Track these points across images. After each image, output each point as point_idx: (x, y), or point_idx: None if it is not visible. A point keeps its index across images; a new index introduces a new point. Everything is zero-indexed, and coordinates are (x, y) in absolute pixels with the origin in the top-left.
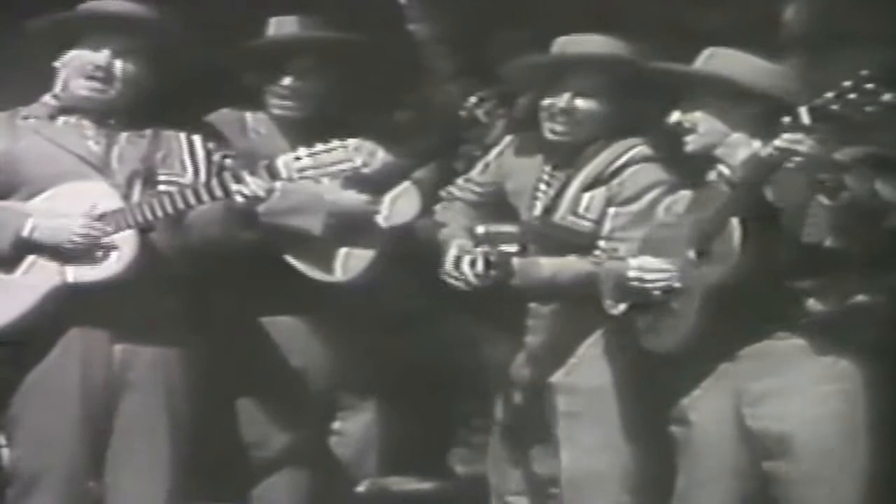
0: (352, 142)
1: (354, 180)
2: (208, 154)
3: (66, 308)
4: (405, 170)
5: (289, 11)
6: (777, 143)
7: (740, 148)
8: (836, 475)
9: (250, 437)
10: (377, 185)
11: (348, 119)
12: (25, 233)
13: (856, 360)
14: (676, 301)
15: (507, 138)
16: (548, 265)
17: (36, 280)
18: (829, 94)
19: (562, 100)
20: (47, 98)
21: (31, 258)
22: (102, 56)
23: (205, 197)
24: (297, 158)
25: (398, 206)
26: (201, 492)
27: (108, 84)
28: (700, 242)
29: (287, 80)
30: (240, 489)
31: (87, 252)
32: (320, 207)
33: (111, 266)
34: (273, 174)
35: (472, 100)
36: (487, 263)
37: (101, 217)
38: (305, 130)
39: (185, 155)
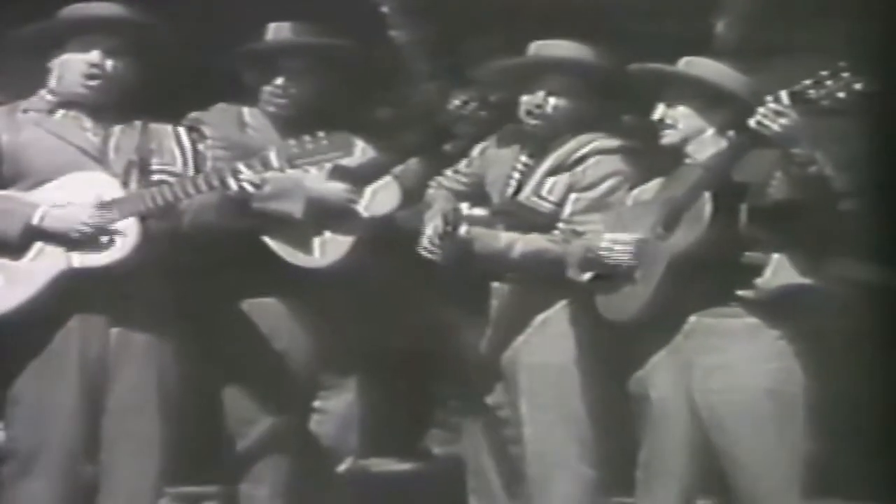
0: (337, 135)
1: (339, 172)
2: (194, 143)
3: (69, 293)
4: (387, 165)
5: (284, 18)
6: (759, 117)
7: (709, 146)
8: (775, 451)
9: (235, 419)
10: (361, 177)
11: (335, 115)
12: (35, 221)
13: (796, 340)
14: (639, 271)
15: (492, 137)
16: (505, 236)
17: (43, 266)
18: (808, 81)
19: (537, 97)
20: (44, 93)
21: (38, 245)
22: (95, 55)
23: (203, 187)
24: (288, 150)
25: (379, 198)
26: (190, 475)
27: (102, 80)
28: (668, 219)
29: (280, 80)
30: (226, 472)
31: (92, 239)
32: (302, 193)
33: (115, 252)
34: (266, 165)
35: (457, 102)
36: (445, 221)
37: (106, 205)
38: (296, 125)
39: (173, 145)
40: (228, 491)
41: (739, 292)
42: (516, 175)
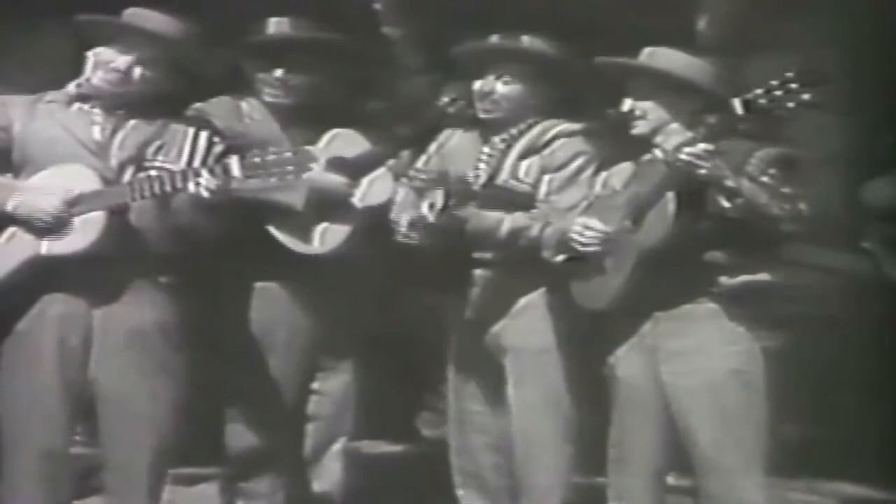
0: (300, 150)
1: (337, 165)
2: (210, 146)
3: (40, 277)
4: (381, 157)
5: (283, 13)
6: (683, 156)
7: (675, 136)
8: (738, 429)
9: (234, 402)
10: (356, 169)
11: (331, 107)
12: (9, 207)
13: (756, 325)
14: (609, 262)
15: (446, 132)
16: (492, 215)
17: (14, 249)
18: (759, 91)
19: (487, 82)
20: (71, 86)
21: (11, 229)
22: (123, 60)
23: (168, 188)
24: (250, 160)
25: (374, 189)
26: (191, 457)
27: (124, 82)
28: (635, 213)
29: (279, 72)
30: (222, 456)
31: (54, 228)
32: (303, 185)
33: (77, 241)
34: (227, 173)
35: (445, 99)
36: (447, 197)
37: (72, 198)
38: (294, 116)
39: (185, 144)
40: (229, 473)
41: (704, 284)
42: (482, 165)
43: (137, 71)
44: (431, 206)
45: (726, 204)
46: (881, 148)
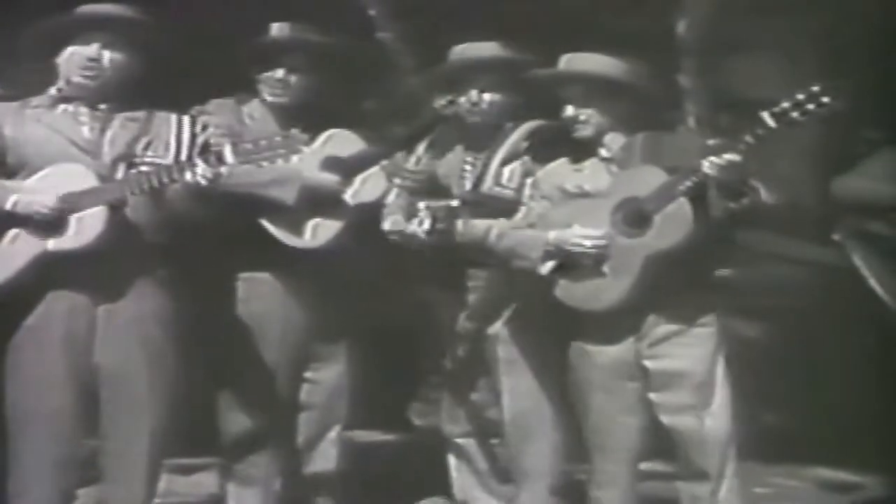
0: (290, 135)
1: (331, 163)
2: (193, 136)
3: (48, 273)
4: (376, 157)
5: (283, 18)
6: (708, 165)
7: (619, 139)
8: (713, 410)
9: (229, 392)
10: (350, 168)
11: (328, 108)
12: (8, 206)
13: (731, 315)
14: (609, 266)
15: (433, 133)
16: (481, 224)
17: (20, 249)
18: (787, 104)
19: (472, 96)
20: (52, 90)
21: (14, 231)
22: (93, 48)
23: (165, 179)
24: (243, 147)
25: (366, 188)
26: (187, 447)
27: (99, 72)
28: (633, 217)
29: (280, 72)
30: (220, 447)
31: (55, 225)
32: (295, 181)
33: (81, 237)
34: (221, 160)
35: (442, 102)
36: (434, 220)
37: (69, 195)
38: (293, 116)
39: (171, 137)
40: (226, 460)
41: (702, 280)
42: (468, 167)
43: (107, 55)
44: (420, 224)
45: (732, 205)
46: (853, 143)
